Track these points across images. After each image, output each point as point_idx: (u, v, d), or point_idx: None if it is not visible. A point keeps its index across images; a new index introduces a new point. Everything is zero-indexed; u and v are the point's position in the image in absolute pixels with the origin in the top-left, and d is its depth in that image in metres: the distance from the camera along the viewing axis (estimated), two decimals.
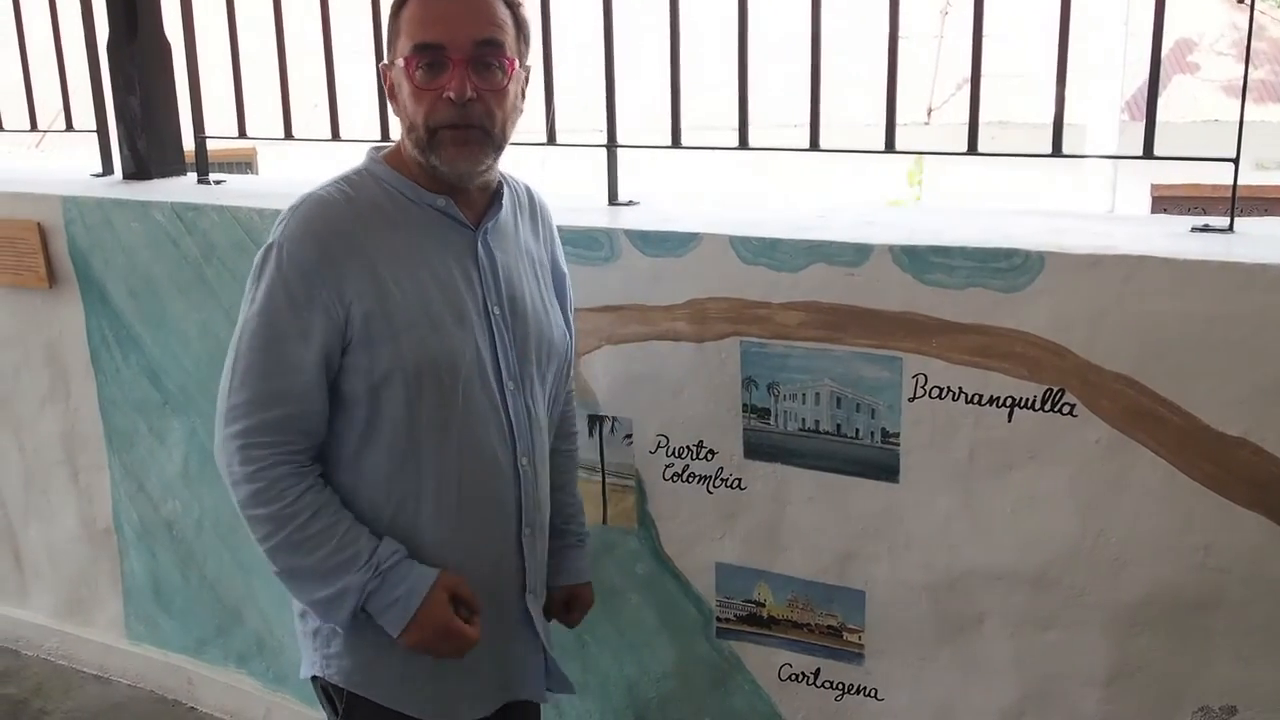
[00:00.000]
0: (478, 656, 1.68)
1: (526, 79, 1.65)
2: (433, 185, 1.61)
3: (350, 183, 1.61)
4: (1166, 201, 9.02)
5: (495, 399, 1.64)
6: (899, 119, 2.08)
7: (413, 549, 1.61)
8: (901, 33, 2.04)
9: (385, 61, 1.62)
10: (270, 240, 1.55)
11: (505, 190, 1.70)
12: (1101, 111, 8.84)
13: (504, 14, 1.56)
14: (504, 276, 1.67)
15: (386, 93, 1.62)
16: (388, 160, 1.64)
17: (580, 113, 2.64)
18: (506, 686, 1.77)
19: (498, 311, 1.64)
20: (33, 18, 3.15)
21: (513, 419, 1.66)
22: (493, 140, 1.58)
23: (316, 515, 1.55)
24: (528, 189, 1.81)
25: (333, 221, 1.55)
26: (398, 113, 1.61)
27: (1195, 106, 9.43)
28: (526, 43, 1.62)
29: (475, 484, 1.64)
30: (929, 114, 9.99)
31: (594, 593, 1.98)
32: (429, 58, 1.52)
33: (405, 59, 1.53)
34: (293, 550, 1.55)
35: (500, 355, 1.64)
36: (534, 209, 1.81)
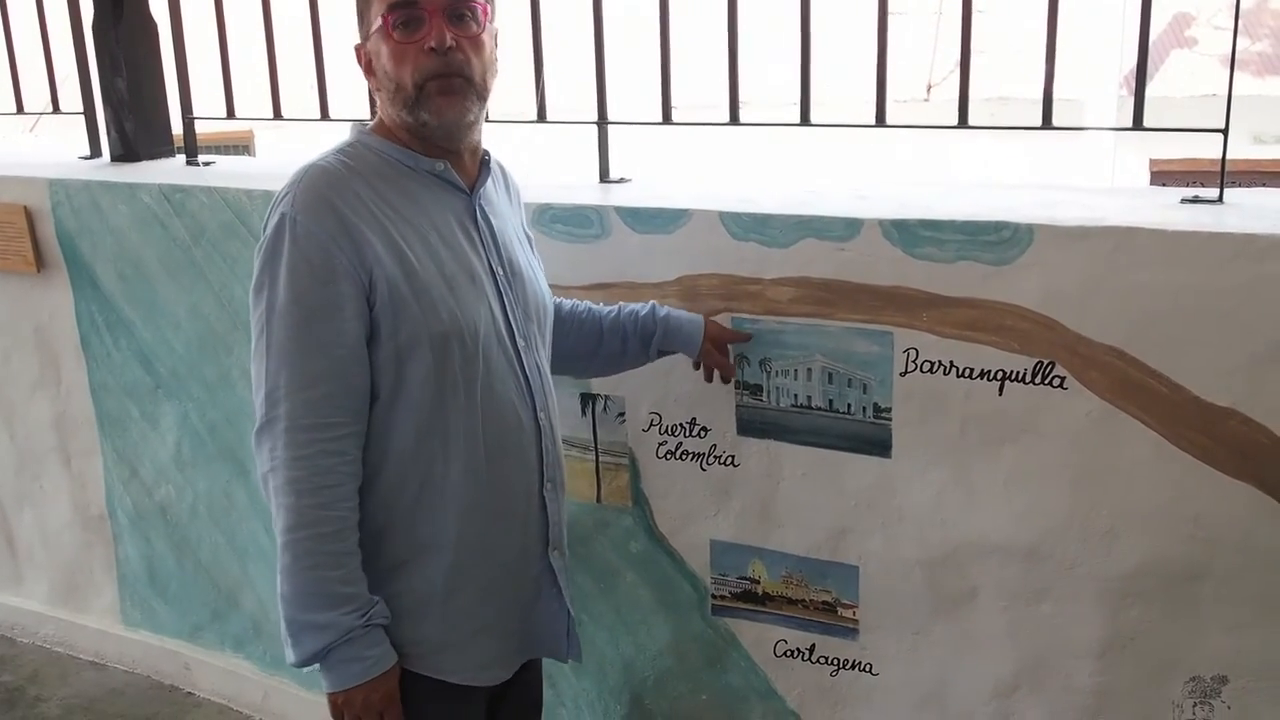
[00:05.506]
0: (506, 618, 1.70)
1: (496, 40, 1.65)
2: (427, 151, 1.62)
3: (346, 154, 1.61)
4: (1165, 176, 8.94)
5: (511, 357, 1.66)
6: (899, 96, 2.06)
7: (442, 514, 1.61)
8: (899, 9, 2.03)
9: (359, 41, 1.63)
10: (279, 214, 1.52)
11: (490, 159, 1.73)
12: (1099, 86, 8.81)
13: None
14: (500, 239, 1.69)
15: (364, 70, 1.64)
16: (376, 132, 1.65)
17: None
18: (528, 645, 1.78)
19: (501, 272, 1.67)
20: None
21: (528, 376, 1.68)
22: (475, 89, 1.59)
23: (340, 533, 1.52)
24: (498, 161, 1.82)
25: (340, 189, 1.54)
26: (379, 87, 1.61)
27: (1193, 80, 9.39)
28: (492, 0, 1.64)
29: (500, 443, 1.64)
30: (928, 90, 9.95)
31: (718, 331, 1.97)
32: (404, 15, 1.54)
33: (382, 18, 1.55)
34: (304, 555, 1.51)
35: (509, 314, 1.66)
36: (506, 179, 1.84)
